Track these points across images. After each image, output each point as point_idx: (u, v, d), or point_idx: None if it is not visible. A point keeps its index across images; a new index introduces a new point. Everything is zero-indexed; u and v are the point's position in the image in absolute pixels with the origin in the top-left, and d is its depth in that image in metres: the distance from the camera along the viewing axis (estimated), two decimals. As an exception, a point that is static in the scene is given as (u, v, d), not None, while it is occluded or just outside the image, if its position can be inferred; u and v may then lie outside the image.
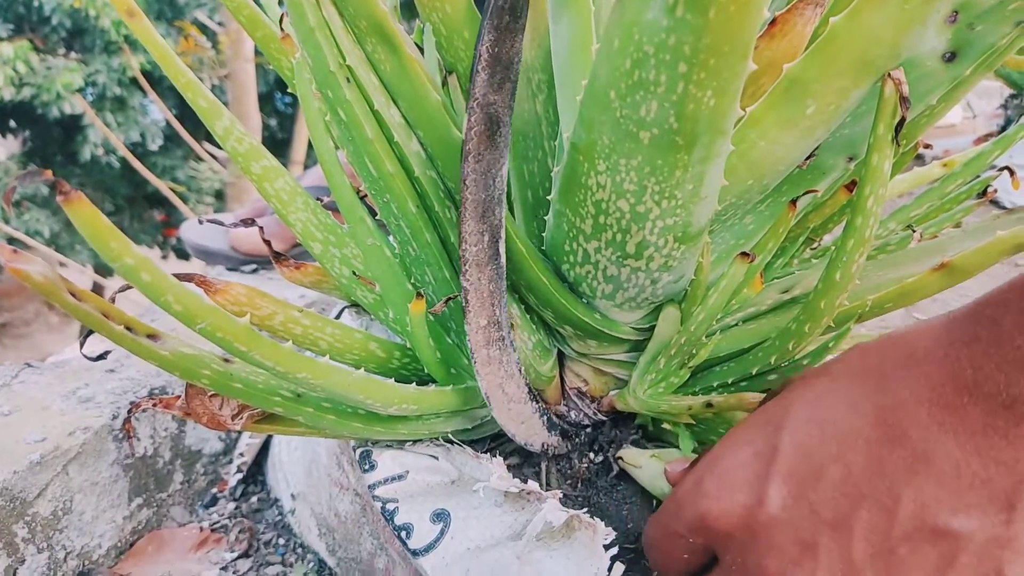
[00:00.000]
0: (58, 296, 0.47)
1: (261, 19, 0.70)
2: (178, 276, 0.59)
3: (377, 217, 0.64)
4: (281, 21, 0.64)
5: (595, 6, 0.61)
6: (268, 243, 0.69)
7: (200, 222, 0.66)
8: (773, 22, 0.59)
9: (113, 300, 0.55)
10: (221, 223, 0.66)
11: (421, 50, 0.78)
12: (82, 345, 0.58)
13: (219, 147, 3.92)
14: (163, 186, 3.26)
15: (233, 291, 0.58)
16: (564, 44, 0.57)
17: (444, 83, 0.78)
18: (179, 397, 0.61)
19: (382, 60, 0.56)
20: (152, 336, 0.51)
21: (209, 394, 0.58)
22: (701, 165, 0.47)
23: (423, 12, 0.73)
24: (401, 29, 0.57)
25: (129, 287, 0.48)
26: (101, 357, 0.60)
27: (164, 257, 6.18)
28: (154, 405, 0.61)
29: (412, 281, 0.64)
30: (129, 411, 0.65)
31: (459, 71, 0.77)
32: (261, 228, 0.67)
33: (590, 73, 0.47)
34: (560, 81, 0.60)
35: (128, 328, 0.50)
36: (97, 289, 5.64)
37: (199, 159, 5.49)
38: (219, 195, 5.60)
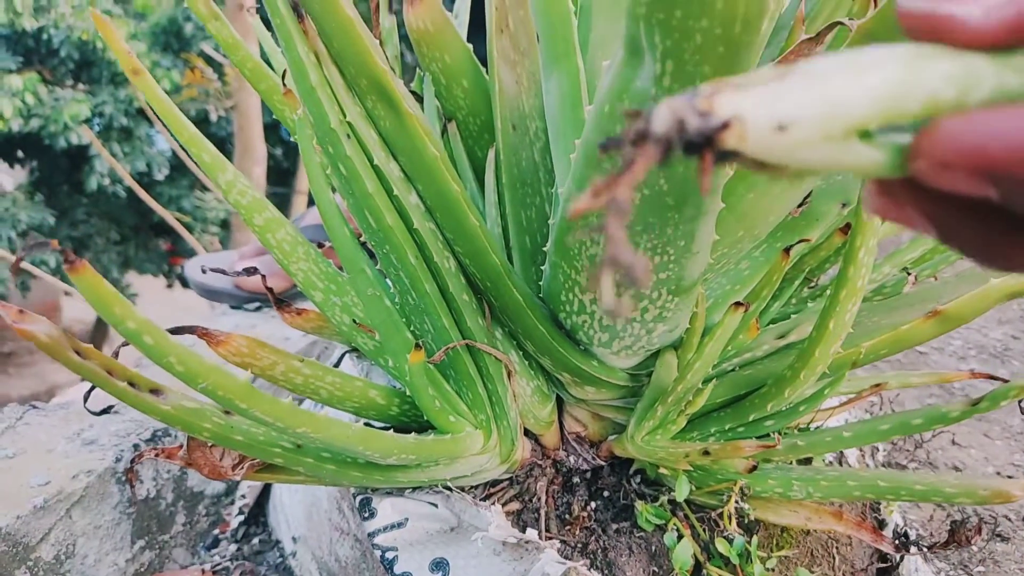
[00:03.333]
0: (63, 355, 0.48)
1: (265, 72, 0.72)
2: (180, 329, 0.60)
3: (377, 266, 0.65)
4: (284, 76, 0.65)
5: (584, 63, 0.62)
6: (270, 290, 0.70)
7: (203, 271, 0.67)
8: (765, 73, 0.61)
9: (116, 355, 0.56)
10: (224, 272, 0.67)
11: (420, 98, 0.80)
12: (86, 399, 0.59)
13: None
14: (169, 216, 3.27)
15: (235, 343, 0.59)
16: (555, 100, 0.59)
17: (444, 131, 0.79)
18: (181, 446, 0.61)
19: (382, 116, 0.58)
20: (155, 391, 0.52)
21: (210, 445, 0.59)
22: (692, 223, 0.48)
23: (423, 62, 0.75)
24: (401, 85, 0.59)
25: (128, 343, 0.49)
26: (105, 411, 0.61)
27: (169, 286, 6.19)
28: (156, 455, 0.62)
29: (412, 329, 0.65)
30: (132, 460, 0.65)
31: (459, 119, 0.78)
32: (264, 276, 0.68)
33: (583, 135, 0.48)
34: (553, 135, 0.61)
35: (131, 383, 0.51)
36: (102, 322, 5.65)
37: (205, 188, 5.54)
38: (224, 224, 5.63)
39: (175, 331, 0.62)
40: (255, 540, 0.94)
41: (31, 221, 5.00)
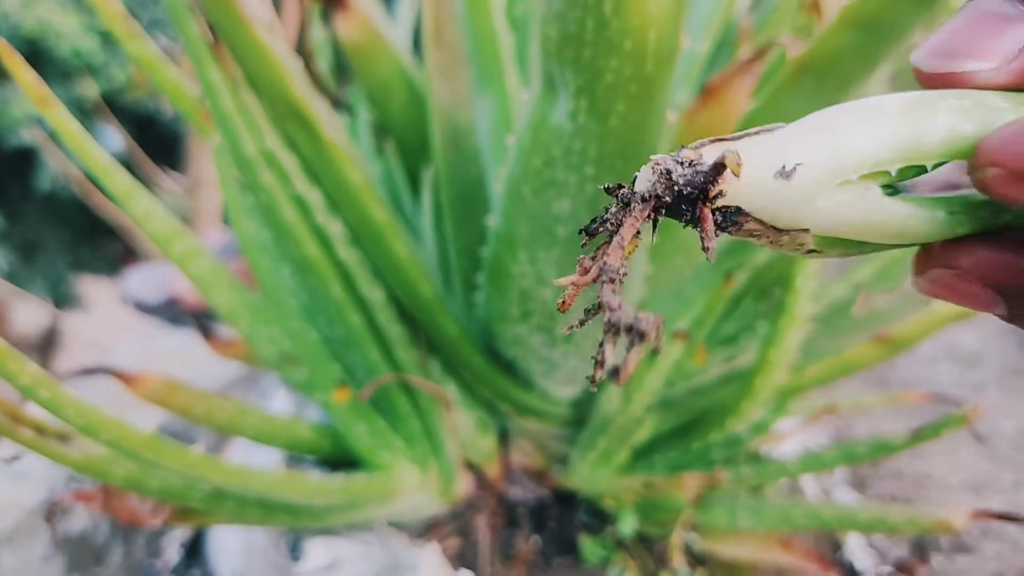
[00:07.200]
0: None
1: (186, 92, 0.68)
2: (92, 369, 0.57)
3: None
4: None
5: (521, 79, 0.59)
6: (198, 320, 0.67)
7: (126, 300, 0.64)
8: (707, 91, 0.59)
9: (25, 398, 0.53)
10: (145, 304, 0.63)
11: (354, 111, 0.77)
12: (-9, 447, 0.56)
13: (180, 173, 3.84)
14: (122, 217, 3.19)
15: (151, 383, 0.56)
16: (487, 124, 0.56)
17: (379, 145, 0.76)
18: (99, 491, 0.58)
19: (302, 143, 0.55)
20: (62, 438, 0.49)
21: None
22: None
23: (357, 74, 0.72)
24: (323, 109, 0.56)
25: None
26: (15, 458, 0.57)
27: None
28: (75, 500, 0.59)
29: (341, 363, 0.62)
30: (51, 507, 0.62)
31: (395, 133, 0.75)
32: (183, 308, 0.64)
33: (507, 168, 0.46)
34: (486, 160, 0.58)
35: (38, 431, 0.48)
36: (53, 329, 5.52)
37: (158, 187, 5.41)
38: (185, 223, 5.52)
39: (90, 371, 0.59)
40: (195, 572, 0.91)
41: (-18, 224, 4.85)
